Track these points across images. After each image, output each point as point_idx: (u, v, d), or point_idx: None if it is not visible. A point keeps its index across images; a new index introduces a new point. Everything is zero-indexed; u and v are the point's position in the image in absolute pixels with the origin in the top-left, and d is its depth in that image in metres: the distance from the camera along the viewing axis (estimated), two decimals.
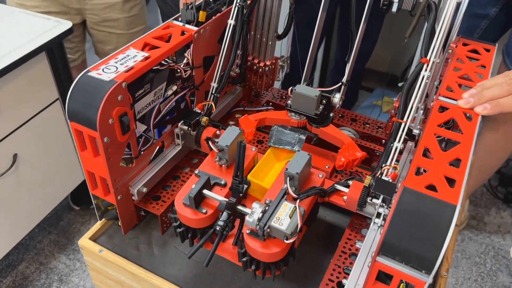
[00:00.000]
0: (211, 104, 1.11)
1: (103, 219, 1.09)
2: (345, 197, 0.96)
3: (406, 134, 1.04)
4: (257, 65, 1.27)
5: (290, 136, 1.02)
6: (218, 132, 1.09)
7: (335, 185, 0.98)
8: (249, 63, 1.28)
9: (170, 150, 1.09)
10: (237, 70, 1.23)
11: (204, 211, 0.87)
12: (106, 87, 0.85)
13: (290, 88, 1.10)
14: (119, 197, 0.97)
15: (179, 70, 1.07)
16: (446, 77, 0.93)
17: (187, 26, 1.06)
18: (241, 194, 0.85)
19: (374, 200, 0.90)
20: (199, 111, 1.09)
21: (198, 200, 0.87)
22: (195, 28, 1.05)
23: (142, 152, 1.01)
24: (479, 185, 2.34)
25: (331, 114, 1.13)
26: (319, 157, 1.15)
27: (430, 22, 0.94)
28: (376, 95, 3.02)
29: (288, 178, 0.86)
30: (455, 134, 0.82)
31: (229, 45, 1.11)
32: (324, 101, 1.12)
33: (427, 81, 0.95)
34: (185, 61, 1.07)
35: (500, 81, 0.87)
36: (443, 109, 0.87)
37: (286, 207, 0.82)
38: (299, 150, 0.99)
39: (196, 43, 1.06)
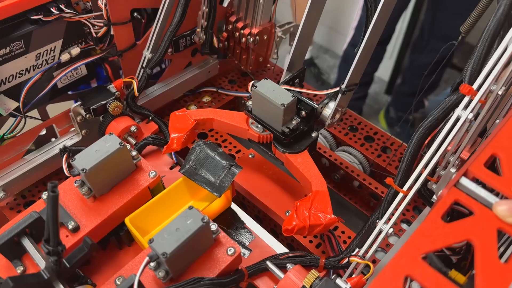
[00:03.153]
0: (133, 83, 0.73)
1: None
2: (275, 287, 0.57)
3: (422, 197, 0.61)
4: (240, 32, 0.85)
5: (215, 165, 0.62)
6: (133, 128, 0.72)
7: (267, 262, 0.59)
8: (230, 26, 0.86)
9: (65, 140, 0.75)
10: (202, 35, 0.83)
11: (21, 269, 0.53)
12: None
13: (251, 83, 0.69)
14: None
15: (88, 25, 0.70)
16: (498, 134, 0.46)
17: None
18: (66, 266, 0.50)
19: None
20: (114, 91, 0.72)
21: (14, 251, 0.53)
22: None
23: (5, 140, 0.69)
24: None
25: (312, 134, 0.70)
26: (285, 193, 0.74)
27: (497, 16, 0.45)
28: None
29: (146, 261, 0.48)
30: None
31: None
32: (303, 111, 0.69)
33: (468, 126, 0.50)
34: (99, 12, 0.70)
35: None
36: (457, 212, 0.42)
37: None
38: (218, 195, 0.60)
39: None
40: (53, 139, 0.80)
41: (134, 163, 0.61)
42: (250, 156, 0.80)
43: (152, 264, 0.50)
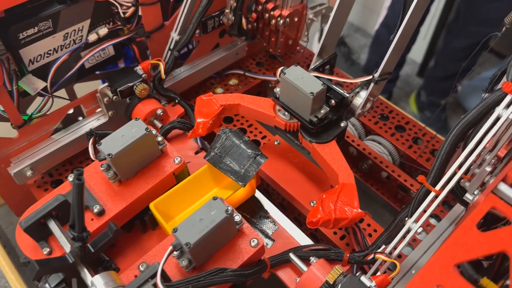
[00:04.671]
0: (160, 66, 0.72)
1: None
2: (298, 279, 0.56)
3: (455, 195, 0.58)
4: (270, 13, 0.82)
5: (241, 153, 0.61)
6: (159, 111, 0.72)
7: (290, 254, 0.58)
8: (260, 7, 0.84)
9: (91, 120, 0.75)
10: (231, 16, 0.80)
11: (47, 250, 0.54)
12: None
13: (279, 69, 0.66)
14: None
15: (116, 5, 0.68)
16: None
17: None
18: (90, 251, 0.50)
19: None
20: (141, 73, 0.71)
21: (40, 232, 0.54)
22: None
23: (34, 120, 0.69)
24: None
25: (341, 124, 0.68)
26: (310, 182, 0.73)
27: None
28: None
29: (170, 249, 0.48)
30: None
31: None
32: (333, 100, 0.67)
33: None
34: None
35: None
36: (494, 221, 0.40)
37: None
38: (243, 184, 0.59)
39: None
40: (80, 119, 0.80)
41: (159, 148, 0.60)
42: (275, 143, 0.79)
43: (175, 252, 0.50)
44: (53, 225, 0.53)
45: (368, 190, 0.83)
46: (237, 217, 0.53)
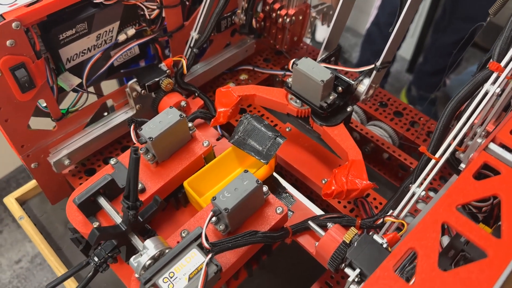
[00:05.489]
0: (182, 62, 0.80)
1: None
2: (316, 243, 0.64)
3: (451, 166, 0.67)
4: (277, 12, 0.91)
5: (262, 135, 0.69)
6: (183, 103, 0.79)
7: (309, 221, 0.66)
8: (267, 7, 0.92)
9: (120, 114, 0.83)
10: (242, 16, 0.89)
11: (96, 224, 0.61)
12: None
13: (291, 61, 0.75)
14: (32, 165, 0.75)
15: (142, 8, 0.76)
16: None
17: None
18: (140, 220, 0.58)
19: (348, 270, 0.58)
20: (165, 69, 0.79)
21: (90, 208, 0.61)
22: None
23: (71, 113, 0.76)
24: None
25: (348, 109, 0.77)
26: (320, 163, 0.81)
27: None
28: None
29: (211, 215, 0.56)
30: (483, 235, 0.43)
31: None
32: (340, 87, 0.75)
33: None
34: None
35: None
36: (488, 172, 0.48)
37: (193, 259, 0.54)
38: (266, 162, 0.67)
39: None
40: (105, 114, 0.88)
41: (190, 133, 0.68)
42: (287, 129, 0.87)
43: (213, 219, 0.57)
44: (102, 201, 0.61)
45: (372, 171, 0.92)
46: (265, 188, 0.61)
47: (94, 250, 0.58)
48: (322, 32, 1.97)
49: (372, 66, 0.75)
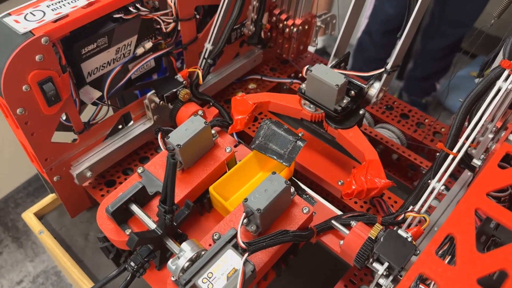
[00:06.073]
0: (198, 73, 0.82)
1: (54, 193, 0.89)
2: (341, 242, 0.66)
3: (464, 163, 0.70)
4: (284, 23, 0.94)
5: (282, 140, 0.72)
6: (200, 112, 0.81)
7: (332, 221, 0.68)
8: (274, 18, 0.95)
9: (138, 125, 0.84)
10: (251, 27, 0.92)
11: (128, 231, 0.63)
12: (16, 41, 0.61)
13: (305, 68, 0.78)
14: (55, 179, 0.76)
15: (159, 22, 0.79)
16: None
17: None
18: (174, 224, 0.59)
19: (376, 265, 0.60)
20: (181, 80, 0.81)
21: (122, 216, 0.63)
22: None
23: (92, 126, 0.78)
24: None
25: (360, 112, 0.80)
26: (335, 165, 0.84)
27: None
28: (479, 63, 2.45)
29: (244, 216, 0.58)
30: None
31: None
32: (352, 91, 0.78)
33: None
34: (168, 9, 0.79)
35: None
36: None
37: (229, 259, 0.55)
38: (288, 164, 0.70)
39: None
40: (119, 127, 0.89)
41: (213, 140, 0.70)
42: (300, 134, 0.89)
43: (244, 220, 0.59)
44: (134, 208, 0.62)
45: None
46: (292, 189, 0.63)
47: (129, 256, 0.60)
48: (319, 41, 2.02)
49: (382, 70, 0.79)
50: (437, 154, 0.89)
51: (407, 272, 0.40)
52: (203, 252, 0.57)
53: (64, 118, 0.75)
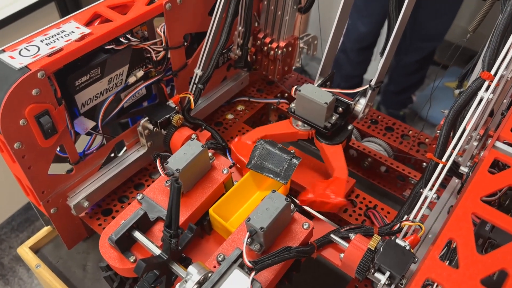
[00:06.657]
0: (190, 98, 0.84)
1: (49, 226, 0.89)
2: (341, 255, 0.68)
3: (451, 171, 0.73)
4: (269, 46, 0.97)
5: (278, 158, 0.74)
6: (193, 136, 0.83)
7: (331, 235, 0.70)
8: (258, 42, 0.98)
9: (132, 152, 0.85)
10: (238, 51, 0.94)
11: (132, 258, 0.63)
12: (13, 77, 0.61)
13: (294, 88, 0.80)
14: (52, 211, 0.76)
15: (149, 51, 0.80)
16: None
17: None
18: (178, 248, 0.60)
19: (377, 275, 0.62)
20: (173, 106, 0.83)
21: (125, 243, 0.63)
22: None
23: (87, 156, 0.78)
24: None
25: (348, 127, 0.83)
26: (325, 180, 0.86)
27: (506, 15, 0.59)
28: (452, 74, 2.54)
29: (248, 235, 0.59)
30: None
31: (221, 20, 0.83)
32: (340, 108, 0.81)
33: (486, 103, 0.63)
34: (157, 38, 0.81)
35: None
36: (499, 167, 0.55)
37: (236, 279, 0.56)
38: (285, 182, 0.72)
39: (171, 16, 0.78)
40: (111, 155, 0.90)
41: (210, 162, 0.72)
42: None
43: (248, 240, 0.61)
44: (137, 235, 0.63)
45: (371, 184, 0.97)
46: (292, 206, 0.65)
47: (134, 284, 0.60)
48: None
49: (366, 86, 0.82)
50: (424, 164, 0.93)
51: (415, 278, 0.42)
52: (210, 274, 0.57)
53: (58, 149, 0.75)
